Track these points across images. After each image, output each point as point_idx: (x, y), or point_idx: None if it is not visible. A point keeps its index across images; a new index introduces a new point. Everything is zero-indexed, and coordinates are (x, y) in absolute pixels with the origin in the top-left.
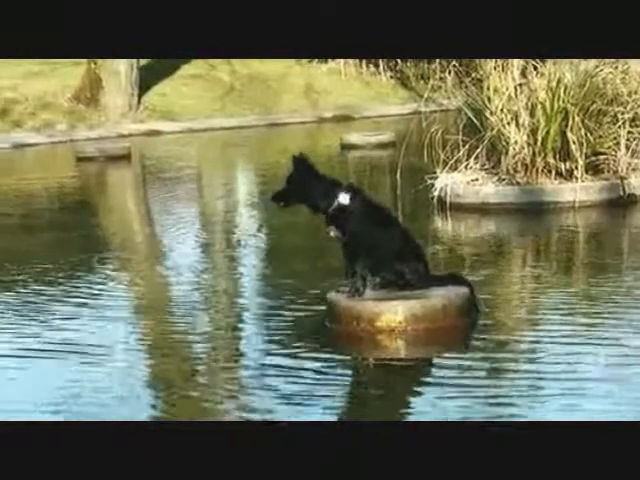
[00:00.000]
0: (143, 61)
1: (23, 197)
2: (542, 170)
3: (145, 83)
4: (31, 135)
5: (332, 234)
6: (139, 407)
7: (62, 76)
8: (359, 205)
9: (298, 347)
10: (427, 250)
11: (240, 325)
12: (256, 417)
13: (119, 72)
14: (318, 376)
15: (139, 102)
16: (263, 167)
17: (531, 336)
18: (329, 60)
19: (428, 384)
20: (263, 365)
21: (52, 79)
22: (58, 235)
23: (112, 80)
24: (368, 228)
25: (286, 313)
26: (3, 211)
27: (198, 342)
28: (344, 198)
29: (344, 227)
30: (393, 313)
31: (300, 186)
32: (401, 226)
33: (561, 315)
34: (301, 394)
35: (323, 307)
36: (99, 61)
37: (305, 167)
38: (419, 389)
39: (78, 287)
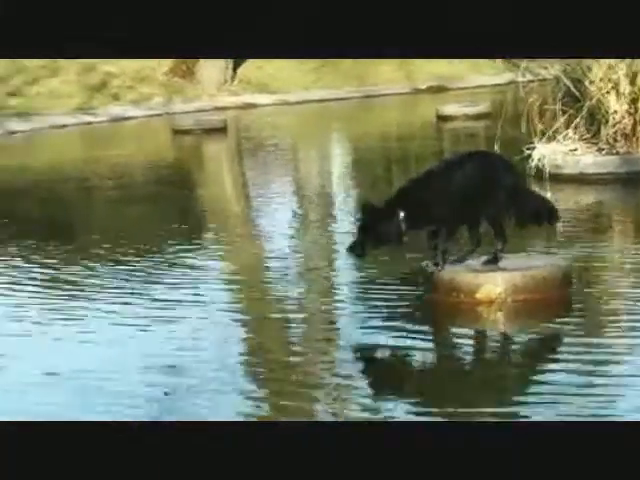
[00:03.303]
0: None
1: (120, 170)
2: None
3: None
4: (128, 108)
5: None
6: (232, 381)
7: None
8: (417, 206)
9: (397, 320)
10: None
11: (337, 300)
12: (350, 390)
13: None
14: (416, 349)
15: (234, 75)
16: (359, 139)
17: (630, 310)
18: None
19: (527, 356)
20: (362, 341)
21: None
22: (155, 208)
23: None
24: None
25: (384, 286)
26: (101, 184)
27: (294, 317)
28: (401, 214)
29: (424, 225)
30: (493, 284)
31: (370, 233)
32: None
33: None
34: (397, 366)
35: (422, 279)
36: None
37: (373, 212)
38: (518, 361)
39: (173, 260)
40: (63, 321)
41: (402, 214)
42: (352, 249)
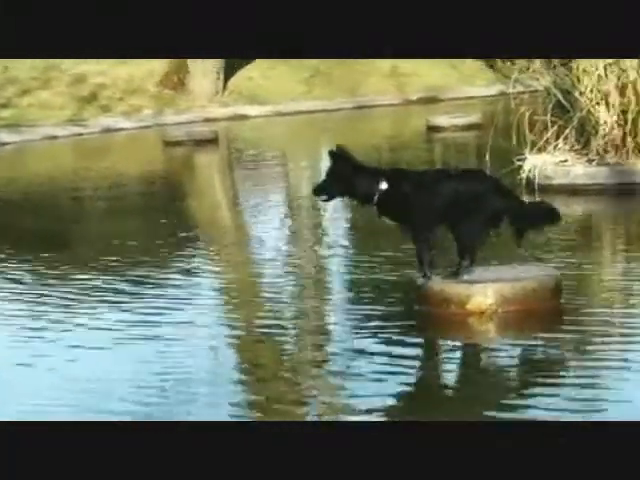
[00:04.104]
0: None
1: (111, 181)
2: (633, 150)
3: (231, 67)
4: (119, 120)
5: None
6: (226, 391)
7: (149, 61)
8: (406, 189)
9: (387, 331)
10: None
11: (329, 309)
12: (342, 402)
13: None
14: (406, 360)
15: (225, 86)
16: (350, 149)
17: (621, 321)
18: None
19: (517, 366)
20: (351, 350)
21: (139, 64)
22: (146, 219)
23: (198, 64)
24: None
25: (374, 296)
26: (92, 195)
27: (285, 326)
28: (384, 184)
29: (395, 214)
30: (483, 295)
31: (341, 179)
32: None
33: None
34: (386, 378)
35: (413, 289)
36: None
37: (345, 159)
38: (509, 372)
39: (165, 271)
40: (48, 332)
41: (385, 185)
42: (318, 192)
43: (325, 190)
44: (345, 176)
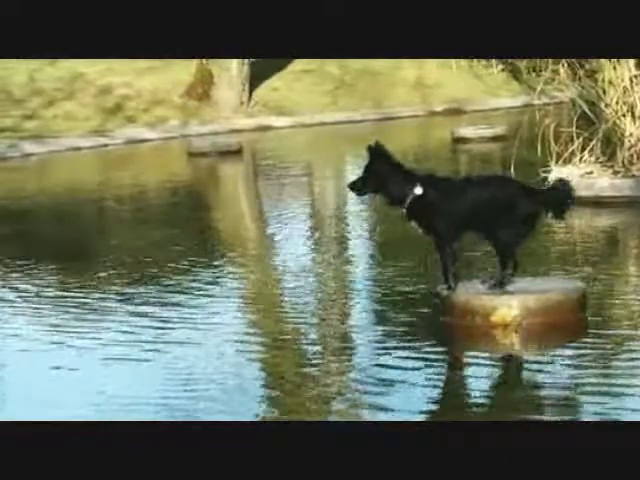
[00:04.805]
0: None
1: (137, 192)
2: None
3: (256, 78)
4: (144, 131)
5: (415, 227)
6: (247, 400)
7: (174, 72)
8: (435, 196)
9: (411, 342)
10: (540, 244)
11: (352, 320)
12: (366, 412)
13: (230, 67)
14: (430, 371)
15: (250, 97)
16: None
17: None
18: None
19: (542, 379)
20: (375, 361)
21: (164, 75)
22: (170, 230)
23: (223, 75)
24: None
25: (398, 307)
26: (117, 206)
27: (309, 338)
28: (419, 190)
29: (422, 220)
30: (508, 307)
31: (376, 176)
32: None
33: None
34: (412, 389)
35: (437, 301)
36: None
37: (383, 156)
38: (533, 383)
39: (189, 281)
40: (72, 339)
41: (420, 190)
42: (353, 186)
43: (360, 185)
44: (381, 174)
